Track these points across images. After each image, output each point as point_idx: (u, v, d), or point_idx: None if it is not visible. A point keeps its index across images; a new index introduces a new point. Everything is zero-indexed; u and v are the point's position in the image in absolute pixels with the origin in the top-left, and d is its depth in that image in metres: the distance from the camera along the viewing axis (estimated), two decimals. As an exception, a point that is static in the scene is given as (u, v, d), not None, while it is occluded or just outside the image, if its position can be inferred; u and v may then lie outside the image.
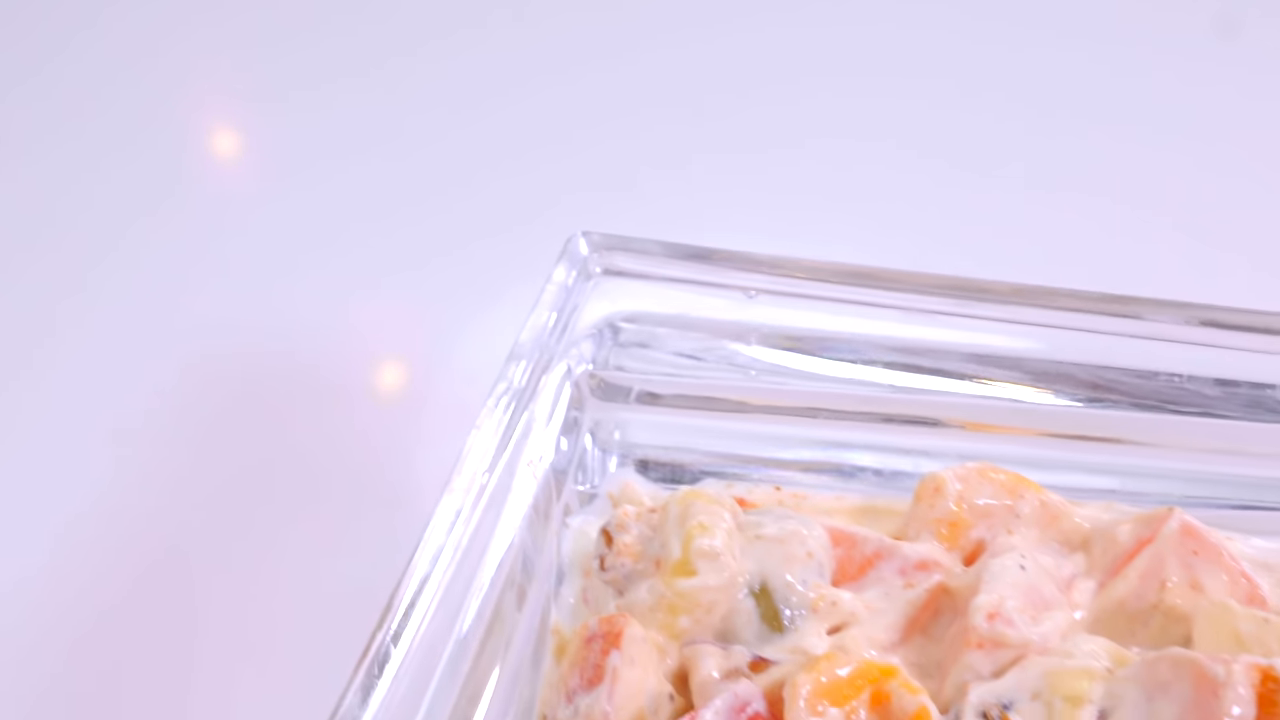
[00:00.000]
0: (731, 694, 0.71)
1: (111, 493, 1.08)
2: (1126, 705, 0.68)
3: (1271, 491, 0.84)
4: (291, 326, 1.24)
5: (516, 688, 0.77)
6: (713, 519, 0.78)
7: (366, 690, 0.69)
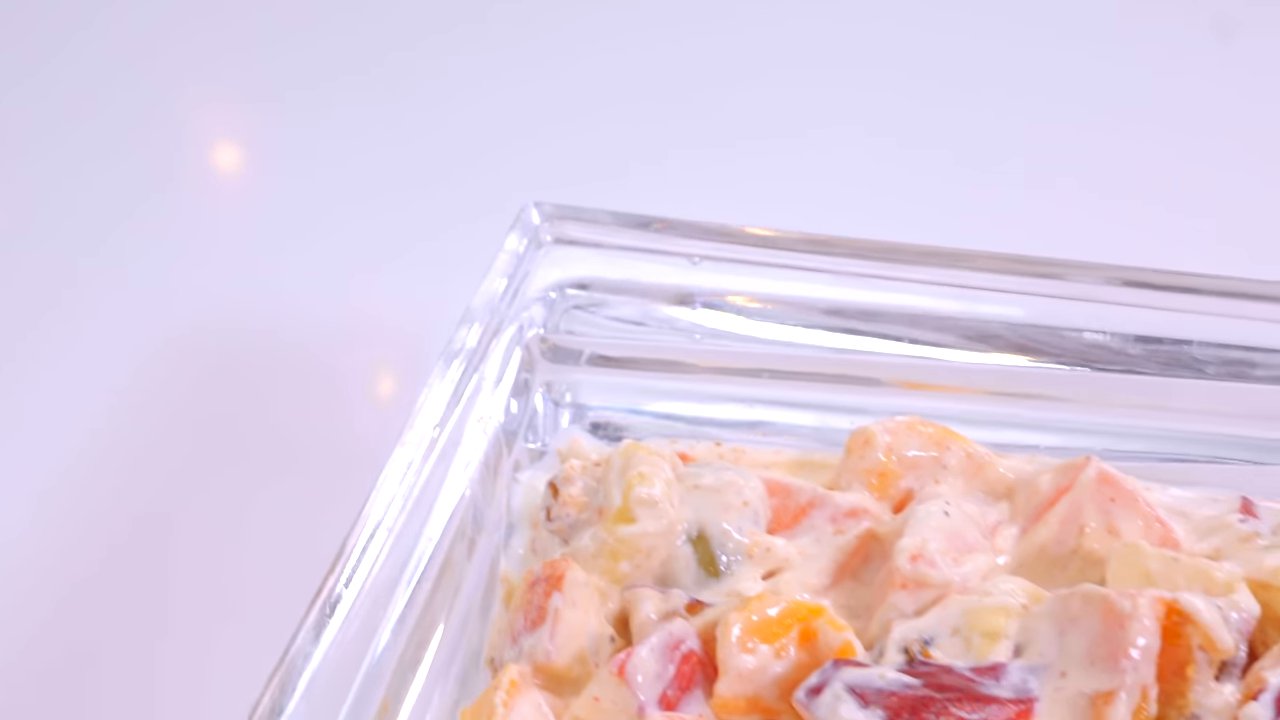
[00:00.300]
0: (666, 632, 0.74)
1: (90, 457, 1.11)
2: (1040, 639, 0.71)
3: (1189, 444, 0.88)
4: (276, 305, 1.27)
5: (465, 633, 0.80)
6: (653, 469, 0.81)
7: (318, 629, 0.72)
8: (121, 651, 0.98)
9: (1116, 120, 1.47)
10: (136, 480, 1.10)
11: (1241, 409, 0.86)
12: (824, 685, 0.69)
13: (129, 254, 1.34)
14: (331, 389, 1.17)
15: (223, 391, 1.18)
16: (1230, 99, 1.52)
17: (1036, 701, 0.69)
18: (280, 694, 0.69)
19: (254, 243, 1.36)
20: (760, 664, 0.72)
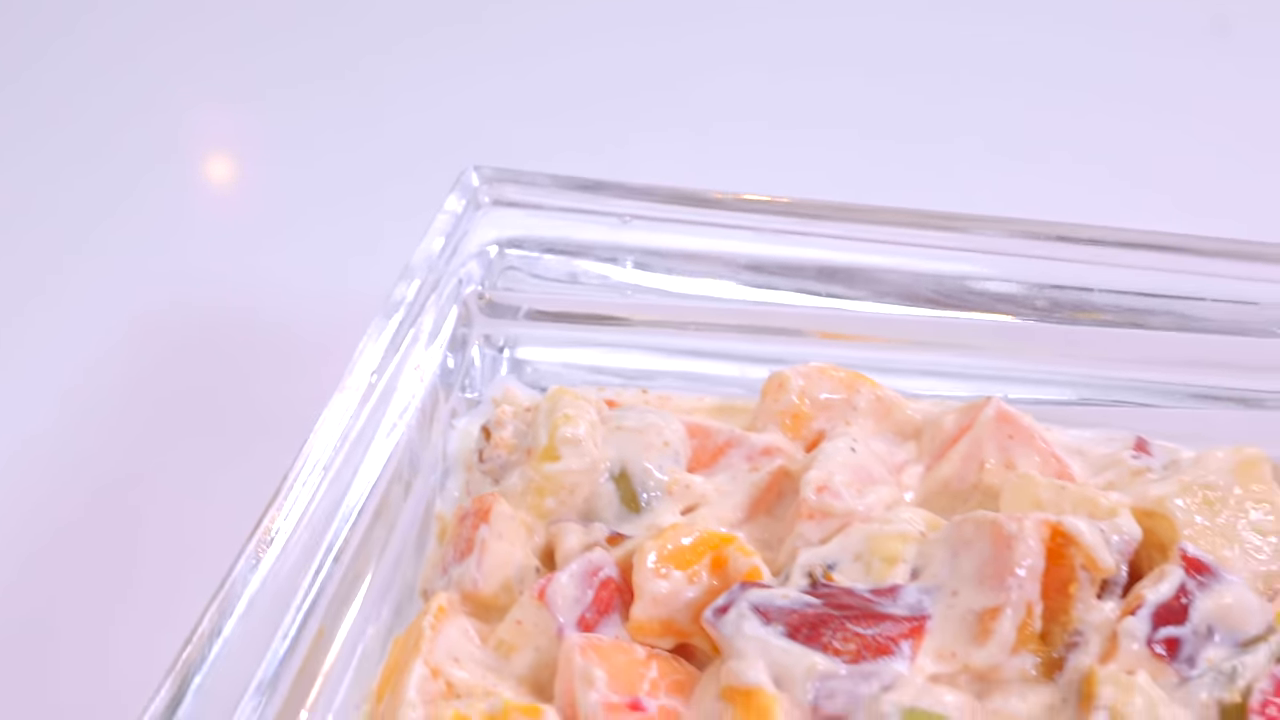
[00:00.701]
0: (586, 560, 0.78)
1: (66, 419, 1.14)
2: (935, 562, 0.75)
3: (1090, 389, 0.92)
4: (251, 281, 1.29)
5: (400, 567, 0.84)
6: (578, 411, 0.85)
7: (256, 558, 0.76)
8: (83, 614, 1.01)
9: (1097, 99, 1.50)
10: (106, 447, 1.13)
11: (1139, 355, 0.90)
12: (730, 605, 0.73)
13: (109, 241, 1.37)
14: (314, 364, 1.19)
15: (199, 364, 1.20)
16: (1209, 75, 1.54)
17: (929, 619, 0.73)
18: (219, 616, 0.73)
19: (235, 229, 1.39)
20: (673, 589, 0.76)
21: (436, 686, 0.75)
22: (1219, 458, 0.79)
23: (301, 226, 1.35)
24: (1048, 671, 0.73)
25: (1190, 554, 0.75)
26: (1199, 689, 0.71)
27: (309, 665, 0.77)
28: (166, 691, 0.70)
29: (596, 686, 0.72)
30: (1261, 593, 0.76)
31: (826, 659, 0.71)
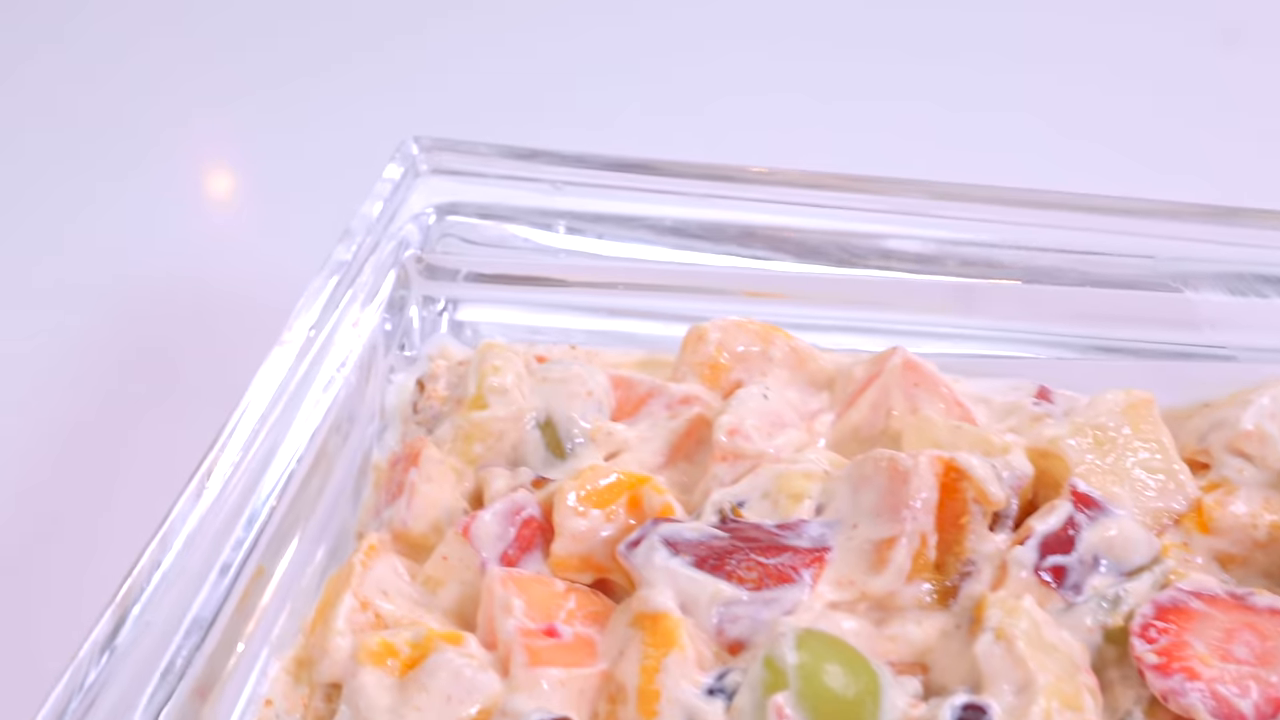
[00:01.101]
0: (509, 499, 0.82)
1: (29, 381, 1.18)
2: (837, 498, 0.79)
3: (996, 343, 0.95)
4: (202, 251, 1.32)
5: (337, 513, 0.87)
6: (505, 362, 0.88)
7: (196, 497, 0.79)
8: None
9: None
10: (69, 404, 1.16)
11: (1044, 309, 0.94)
12: (642, 539, 0.77)
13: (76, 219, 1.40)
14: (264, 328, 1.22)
15: (152, 328, 1.23)
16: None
17: (830, 550, 0.77)
18: (160, 550, 0.77)
19: (189, 204, 1.42)
20: (592, 526, 0.80)
21: (365, 618, 0.79)
22: (1110, 400, 0.83)
23: (256, 202, 1.38)
24: (943, 599, 0.76)
25: (1080, 490, 0.78)
26: (1084, 614, 0.75)
27: (247, 601, 0.80)
28: (108, 621, 0.73)
29: (514, 614, 0.75)
30: (1149, 527, 0.79)
31: (730, 586, 0.74)
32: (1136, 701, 0.73)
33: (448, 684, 0.73)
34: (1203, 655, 0.72)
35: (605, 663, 0.75)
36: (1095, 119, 1.41)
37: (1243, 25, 1.56)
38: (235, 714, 0.77)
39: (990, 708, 0.70)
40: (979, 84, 1.49)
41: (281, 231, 1.32)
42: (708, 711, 0.70)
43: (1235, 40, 1.54)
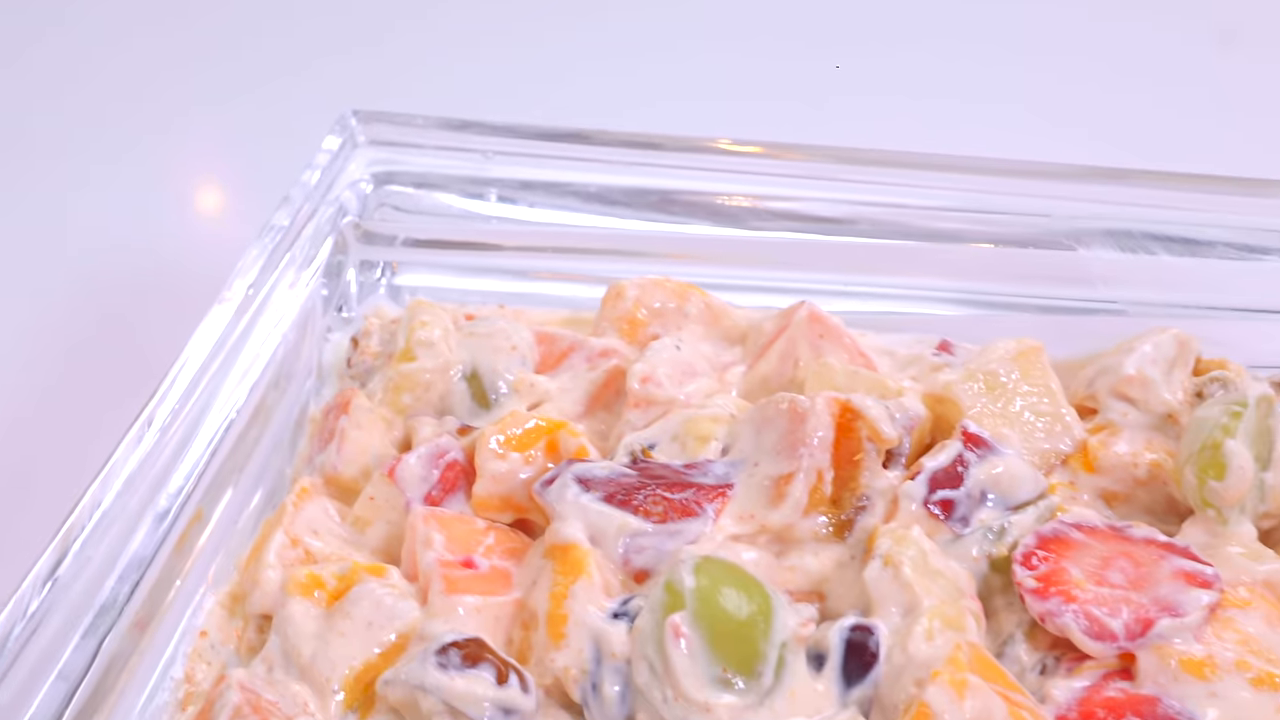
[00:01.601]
0: (434, 444, 0.85)
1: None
2: (742, 440, 0.83)
3: (900, 301, 1.00)
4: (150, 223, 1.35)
5: (274, 461, 0.91)
6: (433, 318, 0.92)
7: (136, 442, 0.83)
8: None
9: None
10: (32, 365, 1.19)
11: (949, 268, 0.98)
12: (556, 477, 0.81)
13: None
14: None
15: (105, 297, 1.26)
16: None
17: (733, 487, 0.80)
18: (100, 490, 0.80)
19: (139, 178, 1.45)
20: (511, 468, 0.84)
21: (295, 554, 0.82)
22: (1001, 348, 0.87)
23: (200, 174, 1.41)
24: (839, 532, 0.80)
25: (970, 430, 0.82)
26: (970, 544, 0.79)
27: (185, 542, 0.83)
28: (50, 556, 0.77)
29: (434, 548, 0.79)
30: (1038, 466, 0.83)
31: (637, 520, 0.78)
32: (1018, 625, 0.77)
33: (370, 611, 0.77)
34: (1079, 580, 0.76)
35: (519, 592, 0.78)
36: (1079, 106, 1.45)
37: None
38: (172, 645, 0.80)
39: (877, 628, 0.74)
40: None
41: (226, 202, 1.35)
42: (611, 633, 0.73)
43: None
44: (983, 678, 0.70)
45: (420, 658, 0.72)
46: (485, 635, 0.75)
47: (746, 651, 0.71)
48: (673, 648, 0.70)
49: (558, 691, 0.74)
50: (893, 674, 0.72)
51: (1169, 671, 0.72)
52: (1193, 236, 0.96)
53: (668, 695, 0.70)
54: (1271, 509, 0.83)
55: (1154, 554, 0.77)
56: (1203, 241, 0.96)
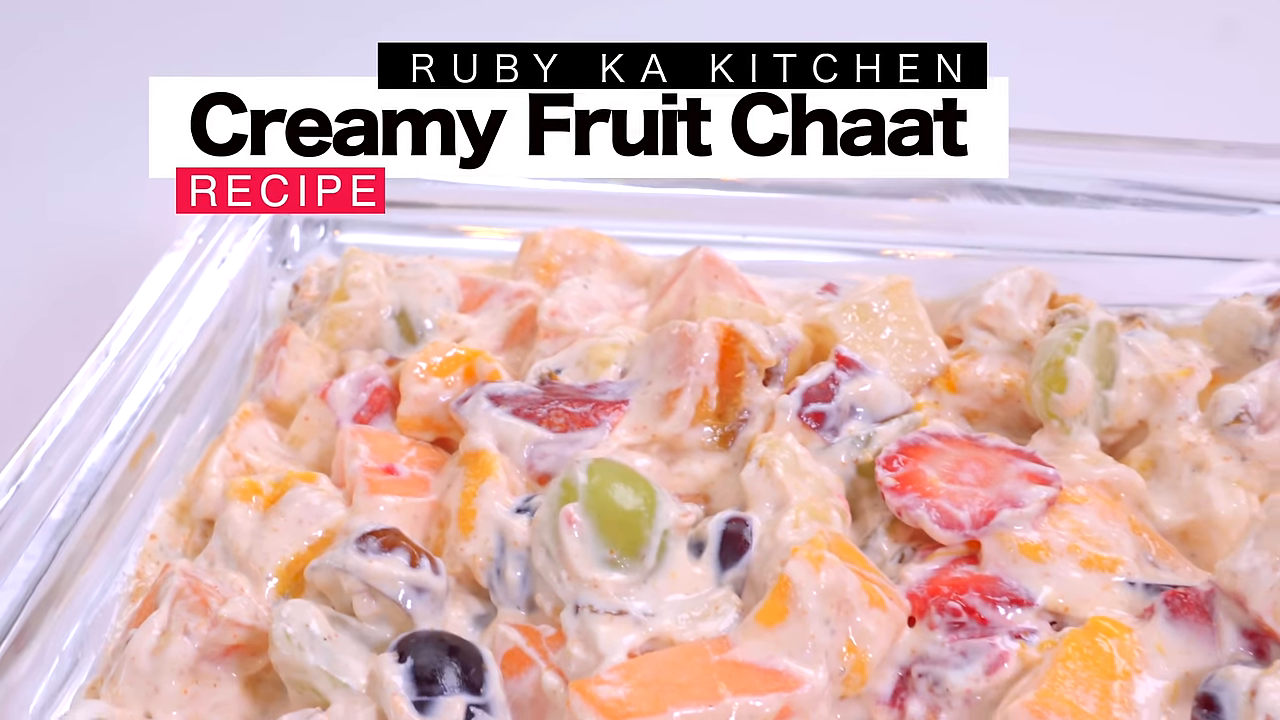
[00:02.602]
0: (363, 370, 0.93)
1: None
2: (638, 363, 0.90)
3: (793, 250, 1.07)
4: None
5: (221, 394, 0.98)
6: (365, 263, 1.00)
7: (92, 370, 0.90)
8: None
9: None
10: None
11: (834, 218, 1.06)
12: (470, 396, 0.88)
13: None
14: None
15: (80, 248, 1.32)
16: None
17: (628, 403, 0.88)
18: (60, 410, 0.87)
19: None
20: (432, 391, 0.91)
21: (237, 466, 0.90)
22: (873, 284, 0.95)
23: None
24: (723, 442, 0.88)
25: (843, 353, 0.90)
26: (839, 451, 0.87)
27: (138, 461, 0.90)
28: (15, 463, 0.84)
29: (360, 456, 0.86)
30: (905, 387, 0.91)
31: (540, 430, 0.86)
32: (881, 521, 0.84)
33: (301, 511, 0.84)
34: (933, 480, 0.83)
35: (435, 495, 0.86)
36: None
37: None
38: (124, 546, 0.87)
39: (751, 520, 0.81)
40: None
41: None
42: (514, 525, 0.81)
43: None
44: (840, 558, 0.77)
45: (343, 545, 0.79)
46: (404, 530, 0.82)
47: (631, 537, 0.78)
48: (566, 533, 0.78)
49: (467, 578, 0.82)
50: (762, 558, 0.79)
51: (1009, 555, 0.79)
52: (1053, 188, 1.04)
53: (562, 575, 0.78)
54: (1115, 424, 0.91)
55: (1003, 458, 0.85)
56: (1062, 192, 1.04)
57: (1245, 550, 0.75)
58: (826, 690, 0.73)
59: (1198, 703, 0.72)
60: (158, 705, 0.76)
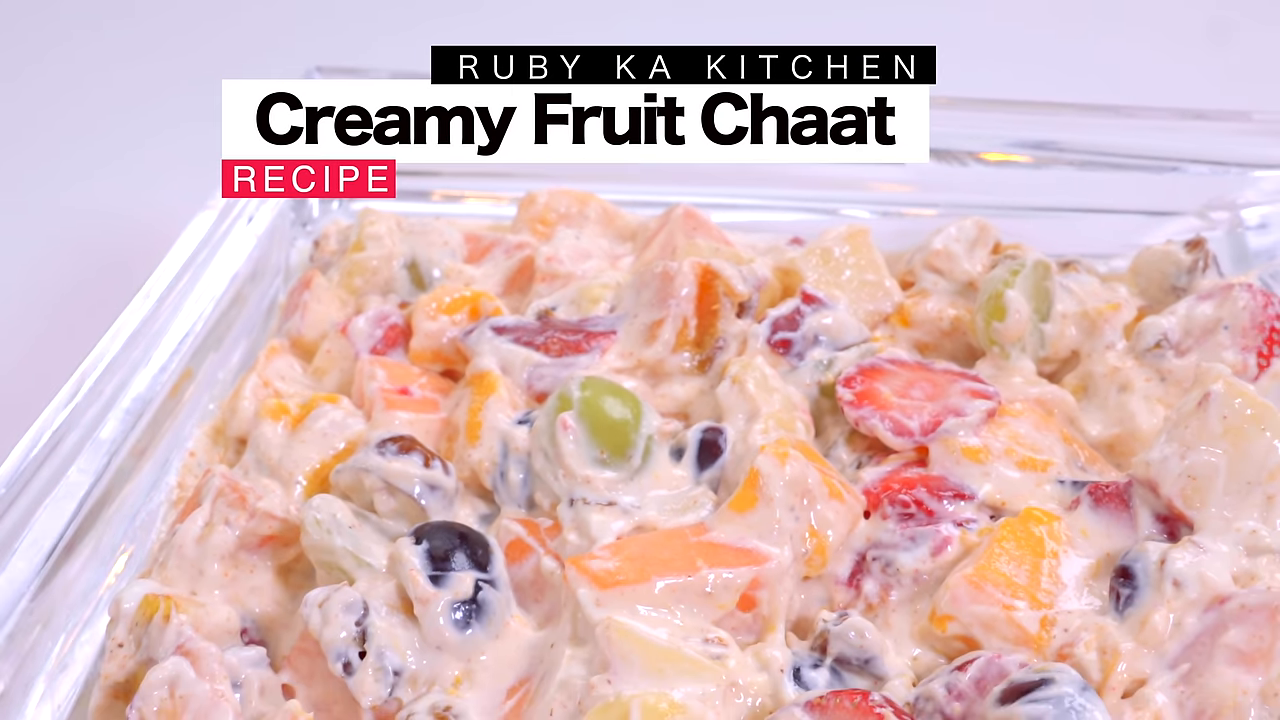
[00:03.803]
0: (378, 309, 1.01)
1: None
2: (625, 300, 0.99)
3: (764, 212, 1.16)
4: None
5: (250, 335, 1.06)
6: (379, 219, 1.08)
7: (133, 313, 0.98)
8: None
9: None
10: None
11: (804, 181, 1.15)
12: (475, 328, 0.97)
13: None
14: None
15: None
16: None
17: (616, 333, 0.96)
18: (108, 344, 0.95)
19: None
20: (440, 328, 0.99)
21: (266, 393, 0.98)
22: (835, 231, 1.03)
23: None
24: (701, 367, 0.96)
25: (807, 290, 0.98)
26: (804, 374, 0.95)
27: (177, 392, 0.98)
28: (70, 386, 0.92)
29: (377, 379, 0.95)
30: (863, 321, 0.99)
31: (538, 354, 0.94)
32: (841, 434, 0.93)
33: (325, 426, 0.92)
34: (886, 396, 0.91)
35: (444, 413, 0.94)
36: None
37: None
38: (166, 462, 0.95)
39: (725, 429, 0.89)
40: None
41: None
42: (516, 433, 0.89)
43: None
44: (804, 457, 0.85)
45: (364, 450, 0.87)
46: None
47: (619, 440, 0.87)
48: (562, 438, 0.86)
49: (474, 483, 0.90)
50: (735, 460, 0.87)
51: (953, 457, 0.88)
52: (998, 148, 1.13)
53: (558, 474, 0.86)
54: (1050, 355, 0.99)
55: (949, 378, 0.93)
56: (1007, 154, 1.13)
57: (1159, 444, 0.84)
58: (791, 568, 0.81)
59: (1115, 574, 0.81)
60: (202, 585, 0.84)
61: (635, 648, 0.74)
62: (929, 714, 0.75)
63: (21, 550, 0.84)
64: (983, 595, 0.79)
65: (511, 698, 0.78)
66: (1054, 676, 0.73)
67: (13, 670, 0.81)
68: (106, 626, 0.82)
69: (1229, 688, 0.74)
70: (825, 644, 0.79)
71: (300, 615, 0.80)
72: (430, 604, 0.78)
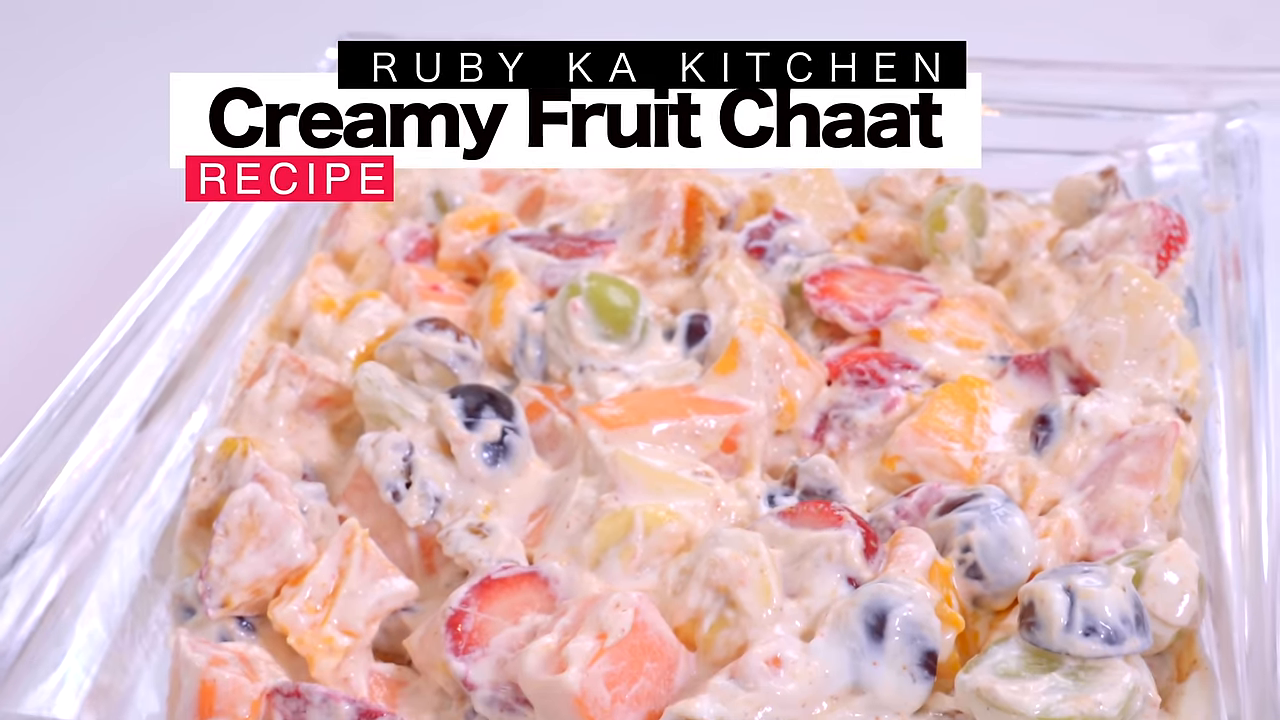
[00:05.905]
0: (410, 226, 1.14)
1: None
2: (624, 215, 1.12)
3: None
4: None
5: (297, 251, 1.17)
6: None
7: (192, 234, 1.10)
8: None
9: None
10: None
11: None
12: (495, 239, 1.10)
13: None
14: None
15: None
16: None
17: (615, 241, 1.09)
18: (176, 253, 1.07)
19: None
20: (464, 240, 1.12)
21: (315, 292, 1.10)
22: (802, 168, 1.16)
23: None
24: (688, 270, 1.09)
25: (778, 209, 1.11)
26: (776, 274, 1.07)
27: (235, 295, 1.11)
28: (141, 290, 1.04)
29: (412, 279, 1.07)
30: (827, 236, 1.13)
31: (550, 257, 1.07)
32: (807, 324, 1.05)
33: (369, 315, 1.04)
34: (845, 290, 1.04)
35: (470, 306, 1.07)
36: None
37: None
38: (230, 349, 1.07)
39: (709, 315, 1.02)
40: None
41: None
42: (532, 317, 1.01)
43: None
44: (775, 332, 0.99)
45: (405, 329, 1.00)
46: (448, 328, 1.03)
47: (621, 320, 1.00)
48: (573, 318, 0.99)
49: (497, 360, 1.02)
50: (718, 340, 1.00)
51: (901, 337, 1.01)
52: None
53: (569, 347, 0.99)
54: (985, 265, 1.12)
55: (898, 279, 1.06)
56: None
57: (1070, 317, 0.97)
58: (766, 419, 0.94)
59: (1035, 422, 0.93)
60: (269, 436, 0.96)
61: (638, 471, 0.87)
62: (880, 530, 0.88)
63: (111, 412, 0.96)
64: (925, 439, 0.92)
65: (533, 520, 0.91)
66: (982, 492, 0.86)
67: (110, 504, 0.93)
68: (191, 465, 0.94)
69: (1125, 502, 0.87)
70: (794, 478, 0.92)
71: (353, 459, 0.92)
72: (465, 444, 0.90)
